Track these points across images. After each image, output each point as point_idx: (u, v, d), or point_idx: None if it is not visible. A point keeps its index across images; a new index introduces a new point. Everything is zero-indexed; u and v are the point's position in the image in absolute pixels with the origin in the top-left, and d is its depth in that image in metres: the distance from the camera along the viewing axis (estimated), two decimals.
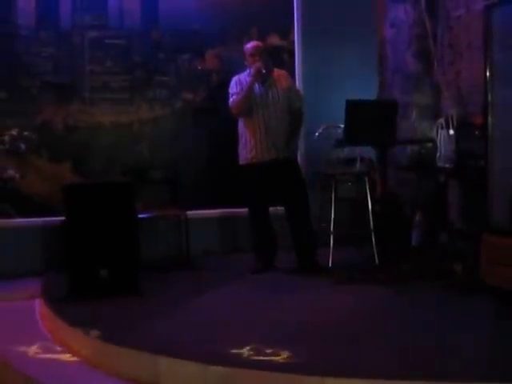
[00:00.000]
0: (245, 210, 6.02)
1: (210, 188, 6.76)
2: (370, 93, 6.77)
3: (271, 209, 5.91)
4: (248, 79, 5.74)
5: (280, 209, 5.90)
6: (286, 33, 6.88)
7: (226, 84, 6.31)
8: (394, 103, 5.97)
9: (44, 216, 6.22)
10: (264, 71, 5.64)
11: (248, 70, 5.79)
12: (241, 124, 5.85)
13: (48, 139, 6.35)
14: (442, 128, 6.02)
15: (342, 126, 5.68)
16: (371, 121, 5.57)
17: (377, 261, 5.78)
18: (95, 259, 5.04)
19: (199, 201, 6.61)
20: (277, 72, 5.87)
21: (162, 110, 6.63)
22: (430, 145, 6.22)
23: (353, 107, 5.51)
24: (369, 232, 5.86)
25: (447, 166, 5.88)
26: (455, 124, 5.93)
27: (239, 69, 5.98)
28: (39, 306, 5.19)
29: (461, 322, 4.10)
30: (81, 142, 6.43)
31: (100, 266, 5.03)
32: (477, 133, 5.60)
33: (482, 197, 4.76)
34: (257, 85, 5.74)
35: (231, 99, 5.78)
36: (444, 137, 5.96)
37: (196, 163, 6.71)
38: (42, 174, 6.29)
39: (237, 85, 5.78)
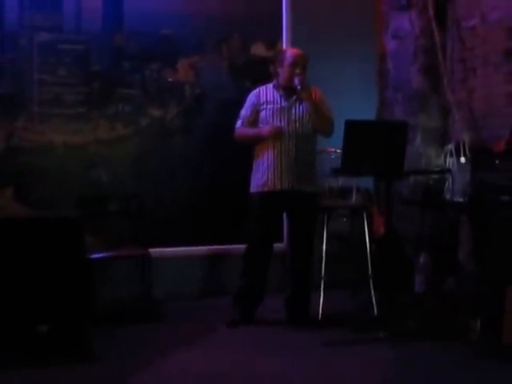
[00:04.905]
0: (220, 247, 5.87)
1: (179, 222, 6.21)
2: (367, 113, 6.35)
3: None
4: (273, 92, 5.16)
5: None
6: (274, 42, 6.37)
7: (201, 99, 6.21)
8: (403, 125, 5.34)
9: None
10: (299, 87, 5.00)
11: (274, 81, 5.23)
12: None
13: None
14: (451, 155, 5.66)
15: (338, 150, 5.16)
16: (375, 146, 4.95)
17: (375, 312, 5.40)
18: (32, 312, 4.51)
19: (166, 237, 6.10)
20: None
21: (125, 129, 6.07)
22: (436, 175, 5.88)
23: (353, 129, 4.87)
24: (366, 275, 5.55)
25: (458, 199, 5.40)
26: (467, 151, 5.58)
27: (217, 81, 5.83)
28: None
29: None
30: (26, 166, 5.83)
31: (38, 320, 4.52)
32: (497, 162, 5.19)
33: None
34: (280, 97, 5.15)
35: (239, 122, 5.22)
36: (454, 166, 5.57)
37: (163, 193, 6.16)
38: None
39: (253, 102, 5.18)
